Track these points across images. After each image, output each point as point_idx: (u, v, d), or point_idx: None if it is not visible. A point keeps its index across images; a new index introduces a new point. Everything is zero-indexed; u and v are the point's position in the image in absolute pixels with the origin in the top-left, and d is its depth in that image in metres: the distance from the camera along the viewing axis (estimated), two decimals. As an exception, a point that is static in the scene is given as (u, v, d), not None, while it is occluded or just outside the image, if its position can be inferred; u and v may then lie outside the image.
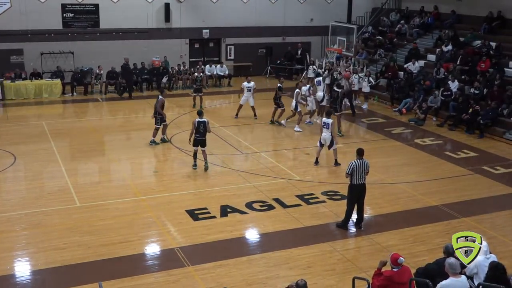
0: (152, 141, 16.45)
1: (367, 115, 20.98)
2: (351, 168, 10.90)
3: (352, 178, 10.97)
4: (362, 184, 11.04)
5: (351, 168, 10.90)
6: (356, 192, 11.05)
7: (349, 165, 10.97)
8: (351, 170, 10.90)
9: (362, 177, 10.99)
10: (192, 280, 9.34)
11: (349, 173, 10.93)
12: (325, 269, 9.72)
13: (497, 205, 12.79)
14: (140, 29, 25.54)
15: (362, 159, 11.00)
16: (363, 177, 11.00)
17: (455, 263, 7.01)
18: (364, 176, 11.03)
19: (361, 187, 11.05)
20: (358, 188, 11.03)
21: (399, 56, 25.03)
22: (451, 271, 6.97)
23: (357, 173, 10.90)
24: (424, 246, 10.63)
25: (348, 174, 10.98)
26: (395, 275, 7.40)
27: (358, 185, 10.99)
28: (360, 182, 10.99)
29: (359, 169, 10.89)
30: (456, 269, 6.96)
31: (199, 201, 12.54)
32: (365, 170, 11.00)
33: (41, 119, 19.90)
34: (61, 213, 11.83)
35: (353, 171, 10.90)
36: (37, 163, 14.88)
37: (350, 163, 11.01)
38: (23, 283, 9.27)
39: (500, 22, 23.14)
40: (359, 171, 10.90)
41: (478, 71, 21.00)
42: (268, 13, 27.87)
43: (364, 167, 10.95)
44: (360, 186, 11.03)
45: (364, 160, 11.01)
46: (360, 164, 10.90)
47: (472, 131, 18.54)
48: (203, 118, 14.33)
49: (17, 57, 23.79)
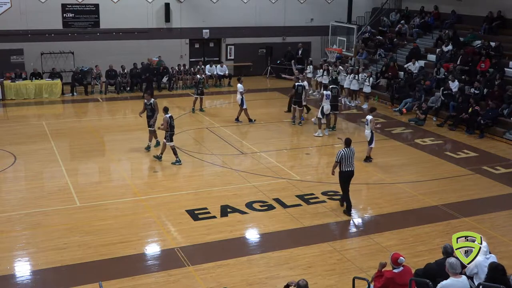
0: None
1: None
2: (340, 156, 11.77)
3: (341, 165, 11.81)
4: (351, 171, 11.93)
5: (340, 156, 11.77)
6: (346, 178, 11.91)
7: (338, 154, 11.84)
8: (339, 158, 11.78)
9: (351, 164, 11.86)
10: (192, 280, 9.34)
11: (338, 161, 11.81)
12: (325, 269, 9.72)
13: (497, 205, 12.79)
14: (140, 29, 25.54)
15: (350, 147, 11.82)
16: (351, 164, 11.87)
17: (455, 263, 7.01)
18: (352, 163, 11.89)
19: (350, 173, 11.93)
20: (347, 174, 11.90)
21: (399, 56, 25.04)
22: (451, 271, 6.97)
23: (345, 160, 11.77)
24: (424, 246, 10.63)
25: (337, 162, 11.84)
26: (397, 276, 7.39)
27: (347, 171, 11.87)
28: (349, 169, 11.87)
29: (347, 157, 11.76)
30: (456, 269, 6.96)
31: (199, 201, 12.55)
32: (353, 157, 11.89)
33: (41, 119, 19.90)
34: (61, 213, 11.83)
35: (341, 159, 11.76)
36: (37, 163, 14.88)
37: (339, 152, 11.87)
38: (23, 283, 9.27)
39: (500, 22, 23.13)
40: (347, 158, 11.75)
41: (478, 71, 21.00)
42: (268, 13, 27.88)
43: (351, 155, 11.84)
44: (349, 172, 11.91)
45: (351, 148, 11.91)
46: (348, 152, 11.78)
47: (472, 131, 18.55)
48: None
49: (17, 57, 23.79)
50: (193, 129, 18.64)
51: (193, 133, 18.28)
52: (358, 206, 12.81)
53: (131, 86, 24.24)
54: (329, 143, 17.53)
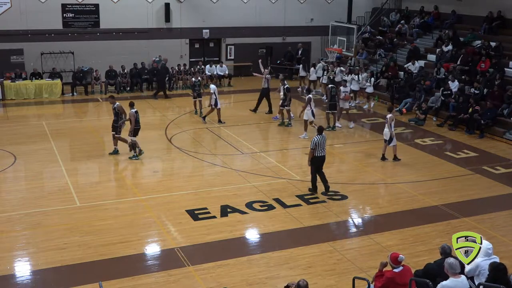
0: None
1: (367, 115, 20.98)
2: (314, 143, 12.77)
3: (315, 152, 12.81)
4: (323, 156, 13.06)
5: (314, 143, 12.77)
6: (319, 163, 12.99)
7: (312, 141, 12.84)
8: (314, 145, 12.76)
9: (323, 149, 12.97)
10: (192, 280, 9.34)
11: (313, 148, 12.78)
12: (325, 269, 9.72)
13: (497, 205, 12.79)
14: (140, 29, 25.54)
15: (322, 135, 12.86)
16: (323, 149, 12.98)
17: (455, 263, 7.00)
18: (324, 149, 13.01)
19: (322, 158, 13.05)
20: (320, 159, 12.99)
21: (399, 56, 25.04)
22: (451, 272, 6.96)
23: (319, 146, 12.80)
24: (424, 246, 10.63)
25: (312, 149, 12.79)
26: (397, 276, 7.37)
27: (320, 156, 12.96)
28: (321, 154, 12.97)
29: (320, 143, 12.80)
30: (456, 269, 6.95)
31: (199, 201, 12.55)
32: (325, 143, 12.99)
33: (41, 119, 19.91)
34: (61, 213, 11.83)
35: (316, 146, 12.74)
36: (37, 163, 14.89)
37: (313, 139, 12.86)
38: (23, 283, 9.28)
39: (500, 22, 23.12)
40: (320, 144, 12.81)
41: (478, 71, 21.00)
42: (268, 13, 27.88)
43: (323, 141, 12.92)
44: (321, 157, 13.01)
45: (323, 135, 12.98)
46: (321, 139, 12.83)
47: (472, 131, 18.55)
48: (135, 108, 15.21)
49: (17, 57, 23.79)
50: (193, 129, 18.64)
51: (193, 133, 18.29)
52: (358, 206, 12.82)
53: (131, 86, 24.26)
54: (328, 143, 17.50)
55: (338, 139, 17.91)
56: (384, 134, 15.50)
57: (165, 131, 18.23)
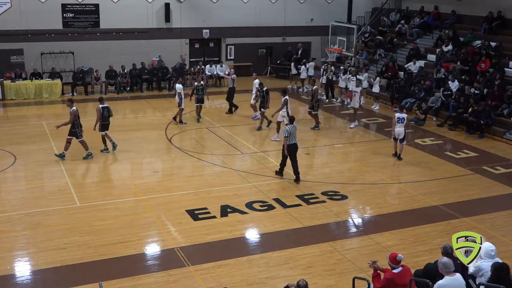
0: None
1: (367, 115, 20.96)
2: (288, 131, 13.61)
3: (288, 140, 13.61)
4: (295, 144, 13.80)
5: (288, 131, 13.61)
6: (291, 150, 13.73)
7: (285, 130, 13.77)
8: (288, 134, 13.60)
9: (294, 138, 13.77)
10: (192, 280, 9.34)
11: (287, 136, 13.59)
12: (325, 269, 9.72)
13: (497, 205, 12.78)
14: (140, 29, 25.54)
15: (293, 124, 13.80)
16: (295, 138, 13.78)
17: (448, 262, 7.00)
18: (295, 137, 13.82)
19: (294, 145, 13.78)
20: (292, 147, 13.73)
21: (399, 56, 25.03)
22: (445, 270, 6.95)
23: (291, 135, 13.62)
24: (424, 246, 10.63)
25: (286, 137, 13.62)
26: (396, 277, 7.34)
27: (292, 144, 13.70)
28: (293, 142, 13.73)
29: (292, 132, 13.63)
30: (450, 268, 6.95)
31: (199, 201, 12.54)
32: (296, 132, 13.84)
33: (41, 119, 19.90)
34: (61, 213, 11.83)
35: (289, 134, 13.58)
36: (37, 163, 14.88)
37: (286, 128, 13.80)
38: (23, 283, 9.27)
39: (500, 22, 23.12)
40: (292, 133, 13.63)
41: (478, 71, 20.99)
42: (268, 13, 27.88)
43: (295, 130, 13.79)
44: (294, 145, 13.76)
45: (294, 125, 13.87)
46: (292, 128, 13.68)
47: (472, 131, 18.54)
48: (105, 104, 15.74)
49: (17, 57, 23.79)
50: (193, 129, 18.63)
51: (193, 133, 18.28)
52: (358, 206, 12.82)
53: (131, 86, 24.26)
54: (329, 143, 17.53)
55: (338, 139, 17.90)
56: (398, 133, 15.53)
57: (165, 131, 18.22)
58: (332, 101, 23.10)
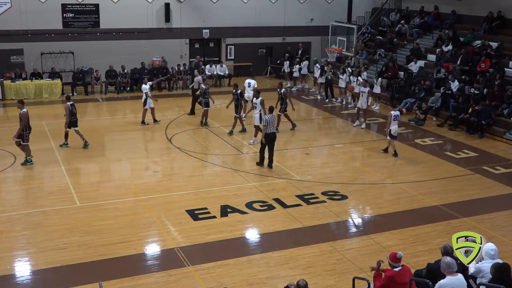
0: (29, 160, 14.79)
1: (367, 115, 20.92)
2: (266, 121, 14.51)
3: (266, 129, 14.43)
4: (273, 133, 14.68)
5: (266, 121, 14.51)
6: (271, 139, 14.60)
7: (264, 119, 14.68)
8: (266, 122, 14.47)
9: (273, 127, 14.72)
10: (192, 280, 9.34)
11: (265, 125, 14.48)
12: (325, 269, 9.71)
13: (497, 205, 12.78)
14: (140, 29, 25.54)
15: (272, 114, 14.70)
16: (273, 127, 14.73)
17: (452, 262, 7.00)
18: (274, 126, 14.86)
19: (273, 134, 14.65)
20: (271, 135, 14.59)
21: (400, 56, 25.03)
22: (448, 270, 6.96)
23: (270, 124, 14.49)
24: (424, 246, 10.63)
25: (265, 125, 14.51)
26: (396, 275, 7.37)
27: (271, 133, 14.58)
28: (272, 131, 14.61)
29: (271, 121, 14.52)
30: (453, 268, 6.95)
31: (199, 201, 12.54)
32: (274, 121, 14.90)
33: (41, 119, 19.88)
34: (61, 213, 11.83)
35: (267, 123, 14.43)
36: (37, 163, 14.87)
37: (265, 117, 14.70)
38: (23, 283, 9.27)
39: (500, 22, 23.12)
40: (271, 123, 14.54)
41: (478, 71, 20.99)
42: (268, 13, 27.88)
43: (274, 119, 14.78)
44: (272, 134, 14.63)
45: (273, 115, 14.75)
46: (271, 117, 14.56)
47: (472, 131, 18.54)
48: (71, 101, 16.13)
49: (17, 57, 23.79)
50: (193, 129, 18.63)
51: (193, 133, 18.28)
52: (358, 206, 12.82)
53: (131, 86, 24.26)
54: (329, 143, 17.53)
55: (338, 139, 17.90)
56: (395, 130, 15.82)
57: (165, 131, 18.22)
58: (332, 101, 23.10)
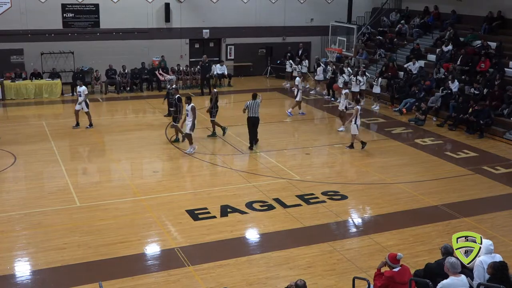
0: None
1: (367, 115, 20.94)
2: (246, 106, 15.74)
3: (248, 113, 15.70)
4: (256, 117, 15.80)
5: (246, 106, 15.74)
6: (251, 122, 15.82)
7: (246, 104, 15.80)
8: (246, 107, 15.75)
9: (255, 112, 15.76)
10: (192, 280, 9.34)
11: (245, 108, 15.80)
12: (325, 269, 9.72)
13: (497, 205, 12.78)
14: (140, 29, 25.54)
15: (255, 100, 15.77)
16: (256, 112, 15.78)
17: (456, 262, 7.00)
18: (257, 111, 15.81)
19: (254, 118, 15.82)
20: (252, 119, 15.83)
21: (399, 56, 25.03)
22: (452, 271, 6.95)
23: (251, 109, 15.69)
24: (424, 246, 10.63)
25: (244, 109, 15.86)
26: (396, 275, 7.38)
27: (252, 117, 15.77)
28: (253, 115, 15.74)
29: (252, 106, 15.67)
30: (457, 268, 6.95)
31: (199, 201, 12.54)
32: (257, 107, 15.81)
33: (41, 119, 19.90)
34: (61, 213, 11.83)
35: (247, 108, 15.69)
36: (37, 163, 14.88)
37: (246, 102, 15.83)
38: (23, 283, 9.27)
39: (500, 22, 23.12)
40: (252, 108, 15.67)
41: (478, 71, 20.99)
42: (268, 13, 27.88)
43: (256, 106, 15.79)
44: (253, 118, 15.79)
45: (256, 101, 15.82)
46: (253, 103, 15.72)
47: (472, 131, 18.54)
48: None
49: (17, 57, 23.78)
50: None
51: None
52: (358, 206, 12.83)
53: (131, 86, 24.27)
54: (329, 143, 17.53)
55: (339, 139, 17.89)
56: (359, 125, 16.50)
57: (165, 131, 18.22)
58: (332, 101, 23.10)
